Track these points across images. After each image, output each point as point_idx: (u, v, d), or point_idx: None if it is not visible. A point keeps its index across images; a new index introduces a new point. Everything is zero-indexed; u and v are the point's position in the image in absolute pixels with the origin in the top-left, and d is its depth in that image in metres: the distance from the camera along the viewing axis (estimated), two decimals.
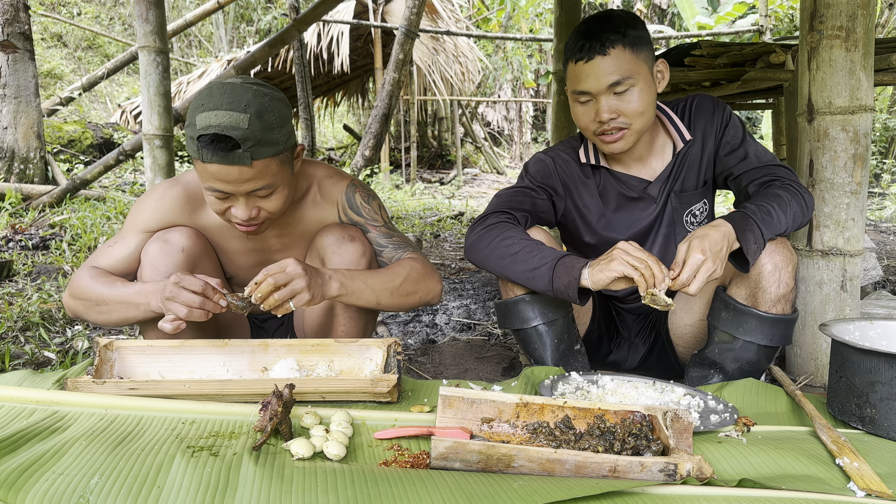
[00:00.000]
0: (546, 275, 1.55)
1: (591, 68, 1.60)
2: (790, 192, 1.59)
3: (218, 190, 1.49)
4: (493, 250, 1.65)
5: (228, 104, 1.41)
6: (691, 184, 1.78)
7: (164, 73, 3.31)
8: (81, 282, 1.60)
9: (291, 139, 1.53)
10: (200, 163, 1.45)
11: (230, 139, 1.40)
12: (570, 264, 1.53)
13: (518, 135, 14.49)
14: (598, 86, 1.61)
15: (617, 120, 1.63)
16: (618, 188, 1.80)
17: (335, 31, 9.19)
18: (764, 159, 1.69)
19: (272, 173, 1.49)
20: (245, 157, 1.42)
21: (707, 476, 1.11)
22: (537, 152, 1.89)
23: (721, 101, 1.79)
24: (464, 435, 1.23)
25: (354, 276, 1.56)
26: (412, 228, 5.44)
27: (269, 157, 1.46)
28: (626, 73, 1.59)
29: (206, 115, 1.41)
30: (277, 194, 1.54)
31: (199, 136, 1.41)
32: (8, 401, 1.35)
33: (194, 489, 1.01)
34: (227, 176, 1.45)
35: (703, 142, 1.77)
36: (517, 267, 1.61)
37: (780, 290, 1.60)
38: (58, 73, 11.64)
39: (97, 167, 5.05)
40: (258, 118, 1.43)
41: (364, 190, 1.77)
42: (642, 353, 1.96)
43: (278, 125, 1.47)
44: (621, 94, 1.61)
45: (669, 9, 12.98)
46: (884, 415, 1.36)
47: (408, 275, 1.63)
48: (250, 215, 1.52)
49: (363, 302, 1.58)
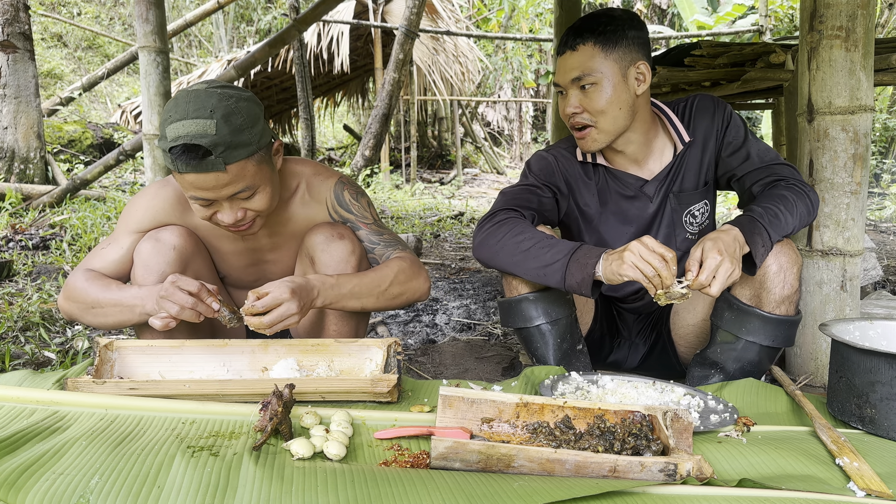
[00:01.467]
0: (559, 271, 1.55)
1: (562, 62, 1.69)
2: (795, 193, 1.59)
3: (200, 198, 1.49)
4: (503, 247, 1.64)
5: (194, 112, 1.41)
6: (691, 184, 1.78)
7: (165, 73, 3.31)
8: (76, 284, 1.60)
9: (265, 137, 1.52)
10: (177, 174, 1.46)
11: (200, 147, 1.40)
12: (583, 261, 1.51)
13: (518, 135, 14.49)
14: (563, 79, 1.68)
15: (581, 115, 1.67)
16: (615, 186, 1.80)
17: (335, 31, 9.19)
18: (766, 158, 1.69)
19: (250, 175, 1.49)
20: (218, 164, 1.42)
21: (707, 476, 1.11)
22: (538, 150, 1.89)
23: (722, 101, 1.78)
24: (464, 435, 1.23)
25: (342, 284, 1.56)
26: (412, 228, 5.44)
27: (244, 160, 1.46)
28: (589, 71, 1.64)
29: (174, 127, 1.41)
30: (261, 194, 1.54)
31: (169, 148, 1.42)
32: (8, 401, 1.36)
33: (194, 489, 1.01)
34: (205, 184, 1.45)
35: (704, 142, 1.76)
36: (529, 263, 1.60)
37: (785, 290, 1.59)
38: (58, 73, 11.64)
39: (97, 167, 5.05)
40: (226, 122, 1.42)
41: (352, 187, 1.76)
42: (643, 353, 1.96)
43: (248, 125, 1.46)
44: (585, 90, 1.65)
45: (669, 9, 12.98)
46: (884, 415, 1.36)
47: (395, 277, 1.63)
48: (237, 218, 1.53)
49: (348, 309, 1.60)
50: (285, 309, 1.43)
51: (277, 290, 1.44)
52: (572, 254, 1.54)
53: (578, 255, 1.53)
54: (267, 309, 1.43)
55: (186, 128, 1.40)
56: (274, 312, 1.43)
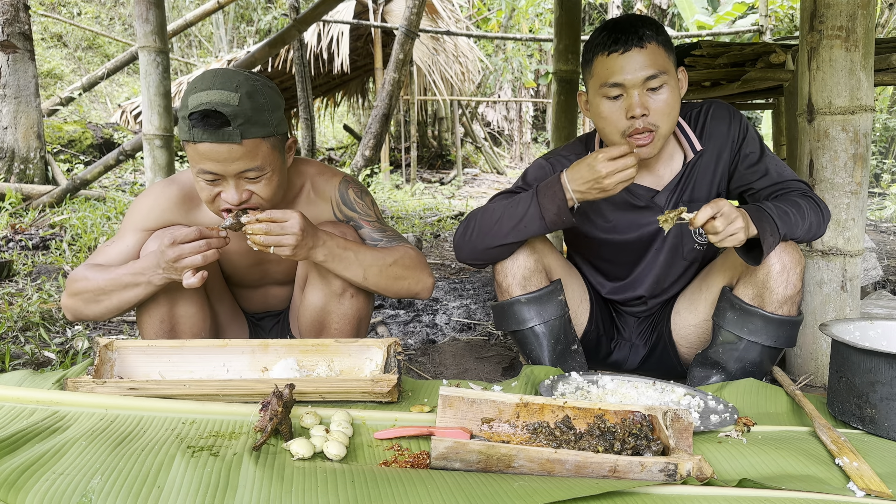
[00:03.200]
0: (534, 215, 1.58)
1: (626, 60, 1.55)
2: (810, 204, 1.58)
3: (208, 171, 1.50)
4: (478, 230, 1.67)
5: (220, 84, 1.46)
6: (702, 194, 1.73)
7: (165, 73, 3.31)
8: (77, 276, 1.60)
9: (283, 127, 1.56)
10: (192, 144, 1.48)
11: (220, 115, 1.43)
12: (550, 192, 1.57)
13: (518, 135, 14.48)
14: (634, 78, 1.55)
15: (648, 118, 1.57)
16: (624, 196, 1.75)
17: (335, 31, 9.19)
18: (784, 174, 1.67)
19: (262, 155, 1.51)
20: (235, 135, 1.45)
21: (707, 476, 1.11)
22: (539, 158, 1.86)
23: (737, 112, 1.75)
24: (464, 435, 1.23)
25: (347, 246, 1.59)
26: (412, 228, 5.44)
27: (259, 138, 1.49)
28: (662, 69, 1.56)
29: (197, 96, 1.45)
30: (268, 180, 1.55)
31: (189, 114, 1.45)
32: (8, 401, 1.36)
33: (194, 489, 1.01)
34: (218, 155, 1.47)
35: (718, 153, 1.72)
36: (505, 226, 1.62)
37: (788, 291, 1.59)
38: (58, 73, 11.64)
39: (97, 167, 5.05)
40: (249, 98, 1.46)
41: (356, 186, 1.79)
42: (643, 354, 1.96)
43: (269, 108, 1.50)
44: (654, 90, 1.57)
45: (669, 9, 12.98)
46: (884, 415, 1.36)
47: (399, 258, 1.65)
48: (241, 199, 1.53)
49: (349, 273, 1.60)
50: (287, 227, 1.46)
51: (291, 213, 1.48)
52: (536, 194, 1.59)
53: (542, 191, 1.59)
54: (271, 219, 1.46)
55: (210, 96, 1.44)
56: (274, 225, 1.46)
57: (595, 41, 1.62)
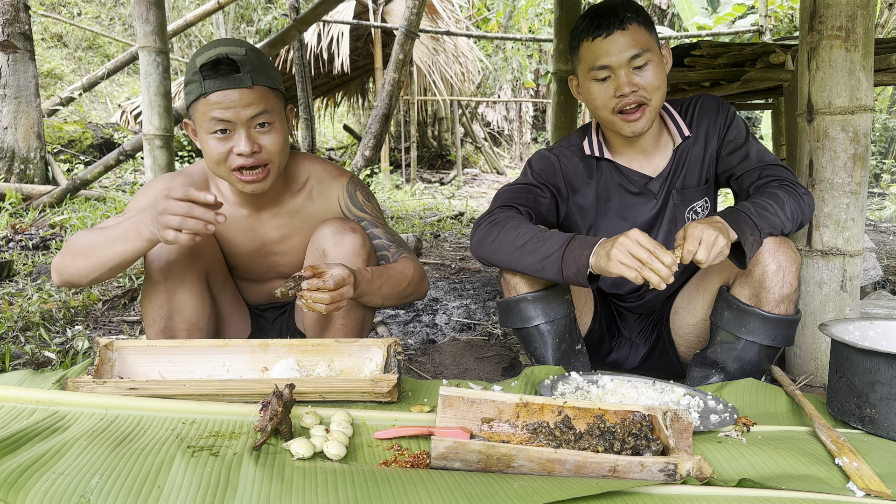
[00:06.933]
0: (555, 264, 1.55)
1: (610, 43, 1.64)
2: (787, 192, 1.59)
3: (221, 120, 1.53)
4: (500, 244, 1.64)
5: (225, 43, 1.56)
6: (693, 181, 1.79)
7: (165, 74, 3.31)
8: (67, 242, 1.58)
9: (284, 92, 1.65)
10: (203, 99, 1.53)
11: (231, 62, 1.52)
12: (577, 252, 1.51)
13: (518, 135, 14.48)
14: (619, 59, 1.63)
15: (637, 93, 1.64)
16: (619, 181, 1.80)
17: (335, 32, 9.19)
18: (765, 159, 1.71)
19: (271, 103, 1.58)
20: (245, 79, 1.53)
21: (707, 476, 1.11)
22: (540, 149, 1.88)
23: (725, 102, 1.81)
24: (464, 435, 1.23)
25: (374, 280, 1.61)
26: (412, 228, 5.44)
27: (268, 87, 1.57)
28: (645, 47, 1.63)
29: (206, 54, 1.55)
30: (276, 133, 1.59)
31: (201, 66, 1.51)
32: (8, 401, 1.36)
33: (194, 489, 1.01)
34: (230, 101, 1.52)
35: (706, 140, 1.78)
36: (526, 259, 1.61)
37: (784, 290, 1.60)
38: (58, 73, 11.64)
39: (97, 167, 5.05)
40: (254, 52, 1.58)
41: (363, 188, 1.82)
42: (643, 353, 1.96)
43: (272, 67, 1.61)
44: (640, 67, 1.64)
45: (669, 9, 12.98)
46: (884, 415, 1.36)
47: (412, 278, 1.70)
48: (252, 149, 1.55)
49: (371, 303, 1.67)
50: (346, 291, 1.48)
51: (340, 270, 1.47)
52: (566, 246, 1.54)
53: (573, 247, 1.53)
54: (337, 286, 1.45)
55: (217, 51, 1.53)
56: (336, 292, 1.46)
57: (579, 28, 1.70)
